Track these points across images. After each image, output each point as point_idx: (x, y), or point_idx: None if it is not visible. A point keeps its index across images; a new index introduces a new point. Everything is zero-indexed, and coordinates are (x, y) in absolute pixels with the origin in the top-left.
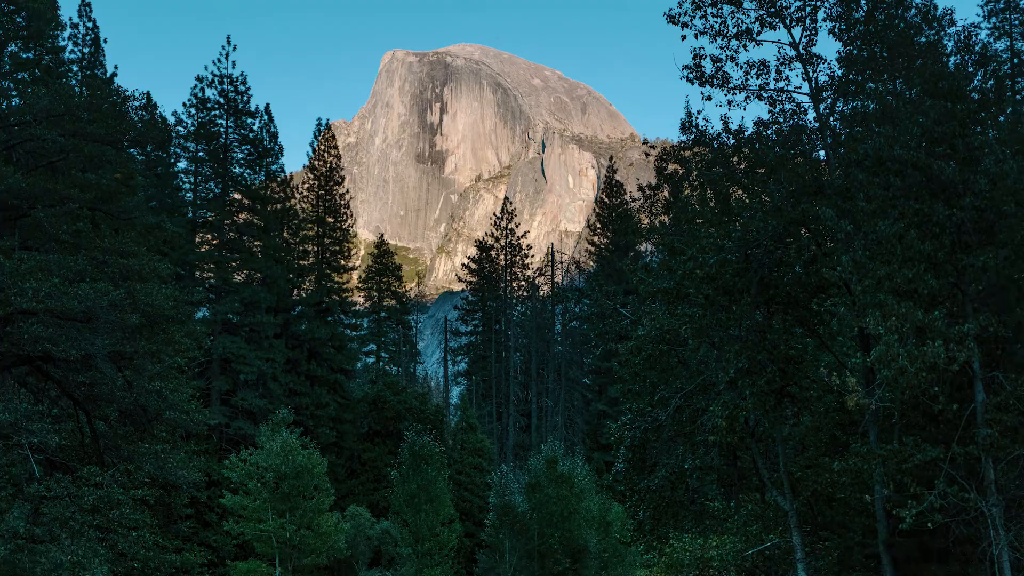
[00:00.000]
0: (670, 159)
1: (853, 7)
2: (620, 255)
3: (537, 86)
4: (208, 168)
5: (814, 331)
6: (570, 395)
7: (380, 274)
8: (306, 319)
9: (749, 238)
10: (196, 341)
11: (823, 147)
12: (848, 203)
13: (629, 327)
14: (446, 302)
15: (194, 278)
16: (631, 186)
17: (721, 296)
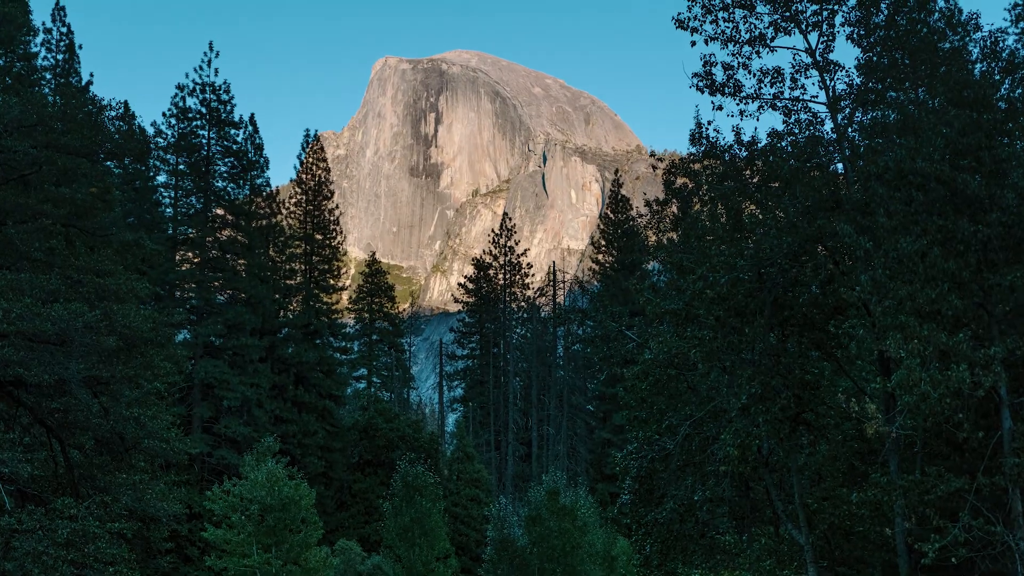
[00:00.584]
0: (679, 172)
1: (873, 11)
2: (626, 274)
3: (538, 95)
4: (189, 182)
5: (831, 355)
6: (573, 423)
7: (371, 294)
8: (293, 342)
9: (762, 256)
10: (176, 365)
11: (841, 160)
12: (867, 219)
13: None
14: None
15: (174, 298)
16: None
17: (733, 318)
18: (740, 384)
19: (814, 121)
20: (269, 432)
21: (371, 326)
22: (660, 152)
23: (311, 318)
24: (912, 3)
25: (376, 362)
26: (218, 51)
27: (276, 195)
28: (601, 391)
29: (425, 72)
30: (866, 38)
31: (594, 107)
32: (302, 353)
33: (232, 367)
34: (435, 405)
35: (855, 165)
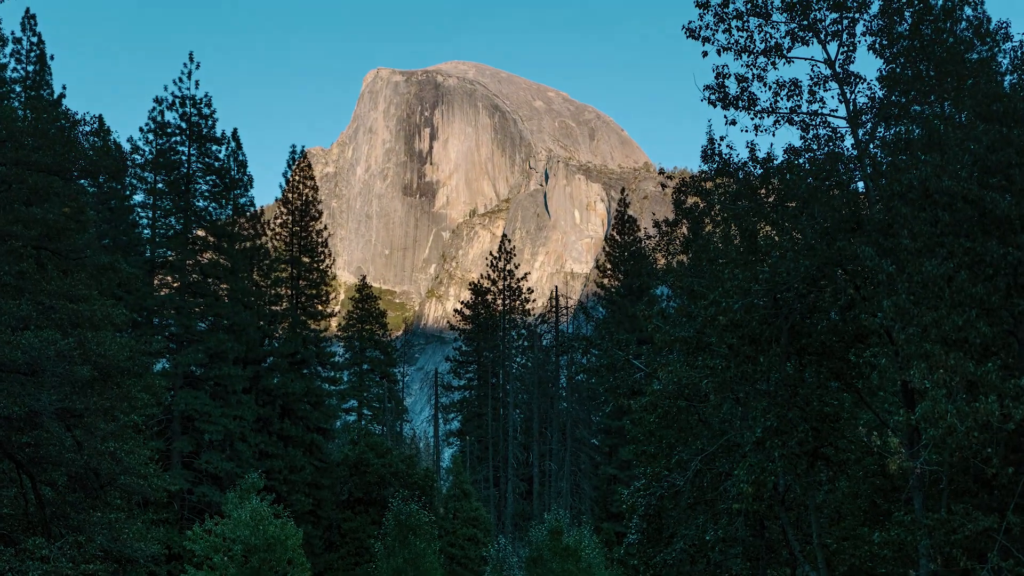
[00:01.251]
0: (689, 191)
1: (896, 20)
2: (633, 299)
3: (539, 109)
4: (168, 201)
5: (852, 385)
6: (576, 457)
7: (362, 321)
8: (279, 372)
9: (778, 280)
10: (155, 396)
11: (862, 177)
12: (890, 241)
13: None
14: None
15: (152, 325)
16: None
17: (747, 346)
18: (755, 416)
19: (833, 136)
20: (253, 468)
21: (362, 355)
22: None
23: (298, 346)
24: (938, 11)
25: (367, 393)
26: (199, 62)
27: (261, 215)
28: (607, 424)
29: (419, 84)
30: (889, 48)
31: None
32: (288, 384)
33: (214, 398)
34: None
35: (877, 183)
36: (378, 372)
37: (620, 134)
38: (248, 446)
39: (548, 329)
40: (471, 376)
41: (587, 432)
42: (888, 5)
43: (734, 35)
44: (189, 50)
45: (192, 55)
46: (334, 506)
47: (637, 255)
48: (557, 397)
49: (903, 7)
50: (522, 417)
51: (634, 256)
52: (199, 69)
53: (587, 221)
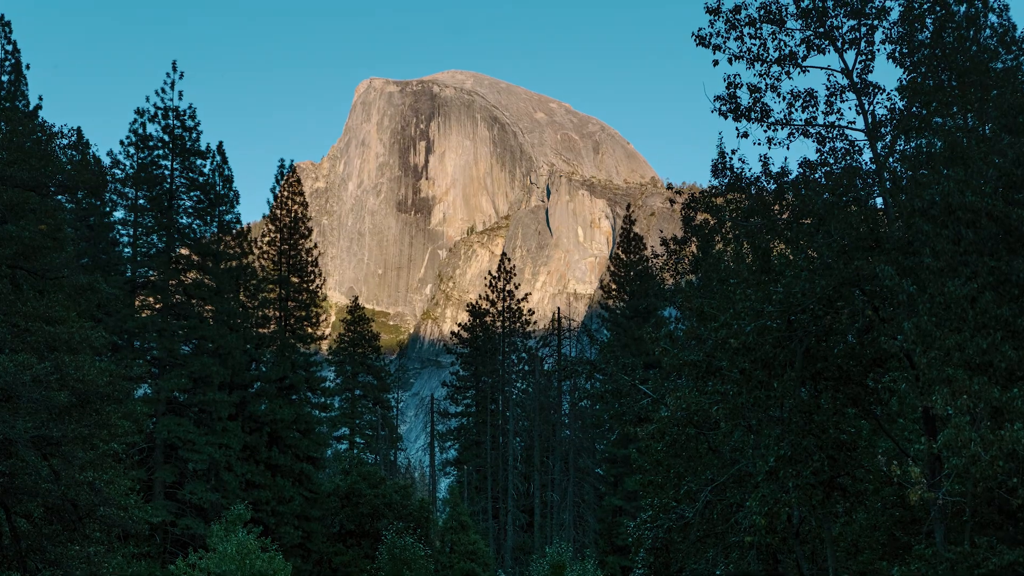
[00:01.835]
0: (699, 207)
1: (917, 27)
2: (639, 321)
3: (541, 121)
4: (150, 218)
5: (870, 412)
6: (580, 488)
7: (354, 344)
8: (267, 398)
9: (793, 301)
10: (136, 424)
11: (881, 193)
12: (911, 259)
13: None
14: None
15: (133, 349)
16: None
17: (759, 370)
18: (768, 445)
19: (851, 150)
20: (240, 498)
21: (354, 380)
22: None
23: (287, 371)
24: (960, 18)
25: (359, 420)
26: (182, 72)
27: (247, 233)
28: (612, 453)
29: (414, 95)
30: (909, 57)
31: (604, 134)
32: (277, 410)
33: (198, 425)
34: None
35: (897, 199)
36: (371, 398)
37: (626, 147)
38: (234, 476)
39: (550, 353)
40: (469, 402)
41: (591, 461)
42: (908, 12)
43: (746, 43)
44: (172, 59)
45: (175, 64)
46: (325, 539)
47: (644, 275)
48: (559, 424)
49: (924, 14)
50: (523, 445)
51: (641, 276)
52: (182, 79)
53: (591, 239)
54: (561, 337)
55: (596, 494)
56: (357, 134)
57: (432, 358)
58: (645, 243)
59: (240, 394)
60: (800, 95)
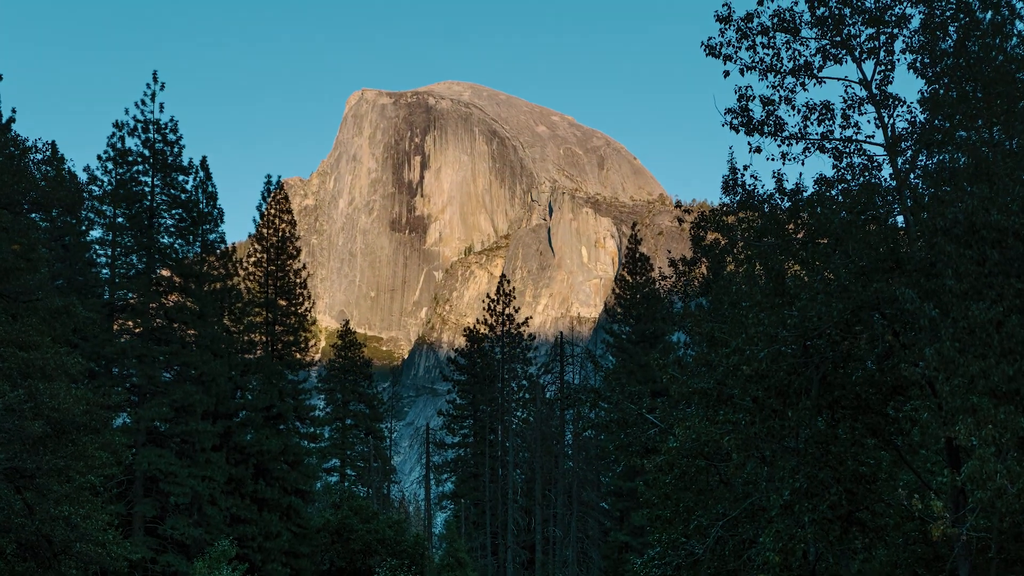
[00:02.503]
0: (709, 226)
1: (939, 36)
2: (646, 347)
3: (542, 134)
4: (129, 238)
5: (890, 442)
6: (584, 523)
7: (345, 371)
8: (253, 427)
9: (808, 326)
10: (114, 455)
11: (901, 211)
12: (933, 282)
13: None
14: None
15: (111, 375)
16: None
17: (773, 398)
18: (782, 477)
19: (869, 165)
20: (224, 534)
21: (345, 409)
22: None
23: (274, 399)
24: (986, 26)
25: (351, 451)
26: (163, 83)
27: (232, 253)
28: (617, 486)
29: (409, 107)
30: (931, 67)
31: (609, 149)
32: (263, 440)
33: (180, 457)
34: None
35: (918, 218)
36: (363, 428)
37: (632, 163)
38: (218, 510)
39: (552, 380)
40: (466, 432)
41: (595, 495)
42: (930, 19)
43: (759, 52)
44: (152, 69)
45: (156, 75)
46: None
47: (651, 297)
48: (562, 456)
49: (947, 21)
50: (523, 478)
51: (648, 298)
52: (164, 91)
53: (595, 259)
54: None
55: (601, 529)
56: (348, 149)
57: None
58: (652, 264)
59: (225, 424)
60: (816, 107)
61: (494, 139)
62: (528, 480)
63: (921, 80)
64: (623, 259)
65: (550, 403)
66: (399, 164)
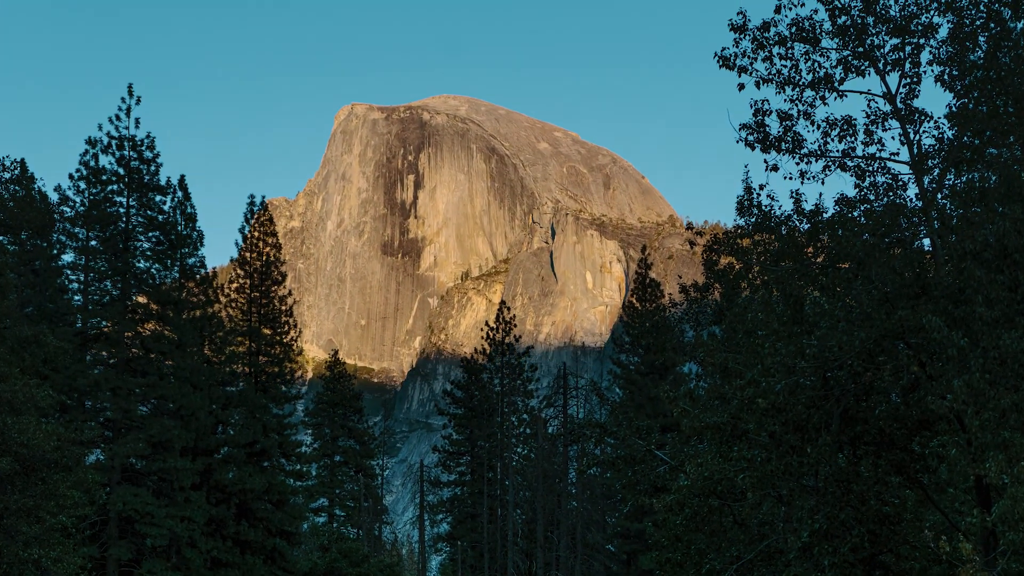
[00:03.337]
0: (723, 250)
1: (968, 47)
2: (656, 379)
3: (544, 152)
4: (103, 262)
5: (916, 480)
6: (589, 566)
7: (334, 404)
8: (235, 464)
9: (829, 356)
10: (87, 494)
11: (928, 234)
12: (962, 309)
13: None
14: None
15: (84, 409)
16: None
17: (791, 434)
18: (800, 518)
19: (894, 185)
20: None
21: (333, 444)
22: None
23: (257, 434)
24: (1017, 35)
25: (340, 490)
26: (139, 97)
27: (213, 279)
28: (624, 527)
29: (402, 123)
30: (960, 80)
31: (615, 167)
32: (246, 478)
33: (158, 496)
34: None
35: (946, 241)
36: (353, 465)
37: (640, 182)
38: (198, 553)
39: (555, 414)
40: (463, 469)
41: (601, 536)
42: (959, 29)
43: (776, 64)
44: (127, 82)
45: (131, 88)
46: None
47: (661, 326)
48: (565, 495)
49: (976, 32)
50: (524, 519)
51: (657, 327)
52: (139, 105)
53: (601, 285)
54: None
55: (607, 573)
56: (337, 167)
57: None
58: (662, 290)
59: (205, 460)
60: (837, 123)
61: (493, 157)
62: (529, 521)
63: (949, 94)
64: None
65: (553, 438)
66: (391, 183)
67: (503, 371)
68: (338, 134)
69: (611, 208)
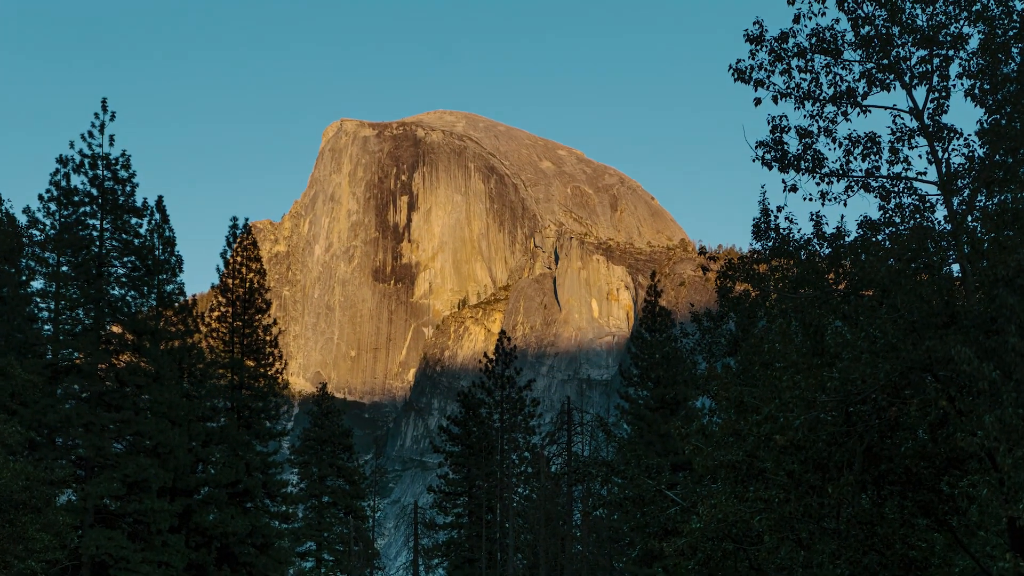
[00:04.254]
0: (738, 276)
1: (1001, 59)
2: (666, 414)
3: (547, 171)
4: (75, 289)
5: (944, 523)
6: None
7: (321, 442)
8: (216, 506)
9: (851, 390)
10: (58, 537)
11: (958, 259)
12: (993, 339)
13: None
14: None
15: (55, 446)
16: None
17: (811, 473)
18: (821, 563)
19: (921, 206)
20: None
21: (321, 484)
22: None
23: (240, 474)
24: None
25: (328, 533)
26: (113, 112)
27: (193, 307)
28: (633, 572)
29: (394, 140)
30: (992, 94)
31: (623, 188)
32: (228, 521)
33: (133, 539)
34: None
35: (977, 266)
36: (342, 506)
37: (649, 203)
38: None
39: (558, 451)
40: (460, 511)
41: None
42: (991, 40)
43: (795, 77)
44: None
45: (105, 103)
46: None
47: (671, 357)
48: (570, 538)
49: (1009, 42)
50: (525, 563)
51: (668, 359)
52: (114, 121)
53: (608, 314)
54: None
55: None
56: (325, 187)
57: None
58: (673, 319)
59: (184, 501)
60: (860, 140)
61: (492, 176)
62: (531, 566)
63: (980, 109)
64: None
65: (556, 478)
66: (383, 205)
67: (503, 406)
68: (326, 152)
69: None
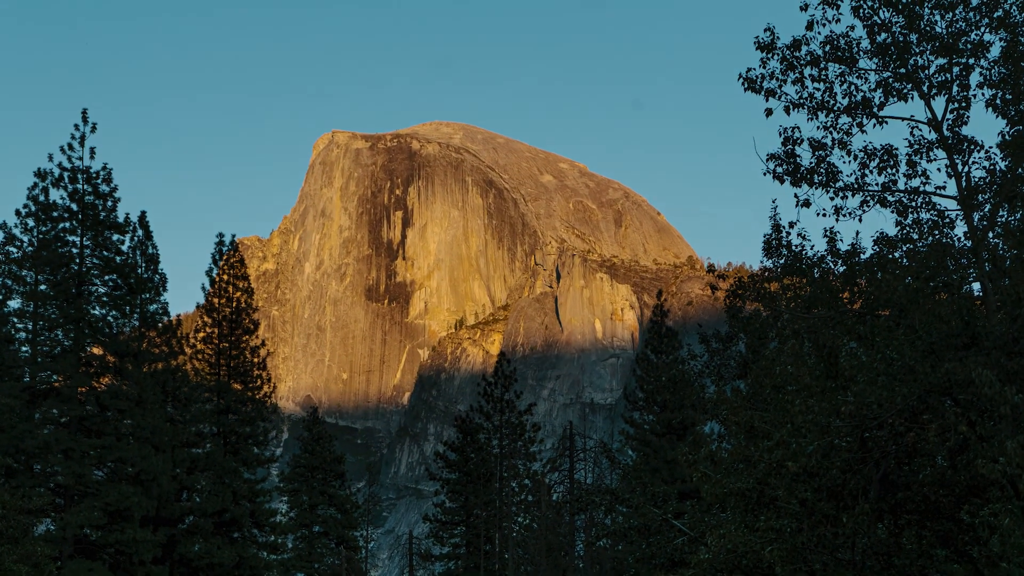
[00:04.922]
0: (748, 295)
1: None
2: (673, 439)
3: (548, 185)
4: (54, 309)
5: (964, 553)
6: None
7: (312, 468)
8: (201, 536)
9: (867, 414)
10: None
11: (978, 277)
12: (1016, 361)
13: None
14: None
15: (33, 473)
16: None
17: (825, 501)
18: None
19: (940, 222)
20: None
21: (312, 514)
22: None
23: (227, 502)
24: None
25: (319, 564)
26: (95, 123)
27: (177, 328)
28: None
29: (388, 153)
30: (1014, 105)
31: (628, 203)
32: (214, 552)
33: (115, 571)
34: None
35: (998, 285)
36: (334, 536)
37: (655, 219)
38: None
39: (560, 479)
40: (457, 541)
41: None
42: (1012, 48)
43: (808, 87)
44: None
45: (85, 114)
46: None
47: (678, 380)
48: (572, 569)
49: None
50: None
51: (675, 382)
52: (95, 133)
53: (612, 335)
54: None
55: None
56: (316, 202)
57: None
58: (680, 340)
59: (168, 531)
60: (876, 153)
61: (490, 190)
62: None
63: (1002, 120)
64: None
65: (558, 506)
66: (376, 220)
67: (502, 431)
68: (317, 165)
69: (623, 248)
